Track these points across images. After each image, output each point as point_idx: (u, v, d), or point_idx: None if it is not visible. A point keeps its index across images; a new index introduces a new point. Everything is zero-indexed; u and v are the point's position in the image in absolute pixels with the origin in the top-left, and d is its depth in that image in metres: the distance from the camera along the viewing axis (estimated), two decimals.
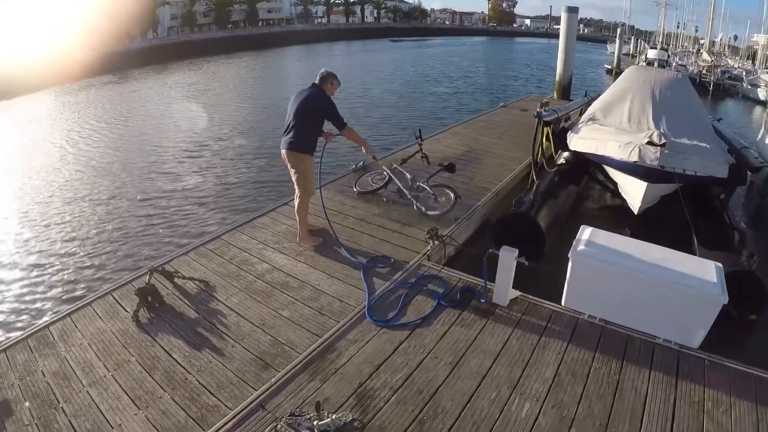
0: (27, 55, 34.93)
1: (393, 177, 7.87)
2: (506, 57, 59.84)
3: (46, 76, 31.32)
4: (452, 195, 7.37)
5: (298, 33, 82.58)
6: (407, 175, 7.83)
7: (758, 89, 30.99)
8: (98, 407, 3.82)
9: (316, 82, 6.13)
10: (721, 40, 57.82)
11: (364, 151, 6.87)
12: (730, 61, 47.45)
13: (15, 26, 42.84)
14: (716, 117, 12.54)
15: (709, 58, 40.51)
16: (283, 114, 6.22)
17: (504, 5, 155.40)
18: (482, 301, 5.07)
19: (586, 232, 4.96)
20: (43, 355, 4.47)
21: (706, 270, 4.43)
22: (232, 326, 4.78)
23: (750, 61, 47.58)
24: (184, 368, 4.23)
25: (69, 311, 5.13)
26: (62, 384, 4.09)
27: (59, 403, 3.88)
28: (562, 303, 4.96)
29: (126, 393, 3.96)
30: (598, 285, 4.67)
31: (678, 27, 57.92)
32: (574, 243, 4.83)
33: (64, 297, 7.24)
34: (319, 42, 77.22)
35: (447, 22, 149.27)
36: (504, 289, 4.95)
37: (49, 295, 7.39)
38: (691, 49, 50.51)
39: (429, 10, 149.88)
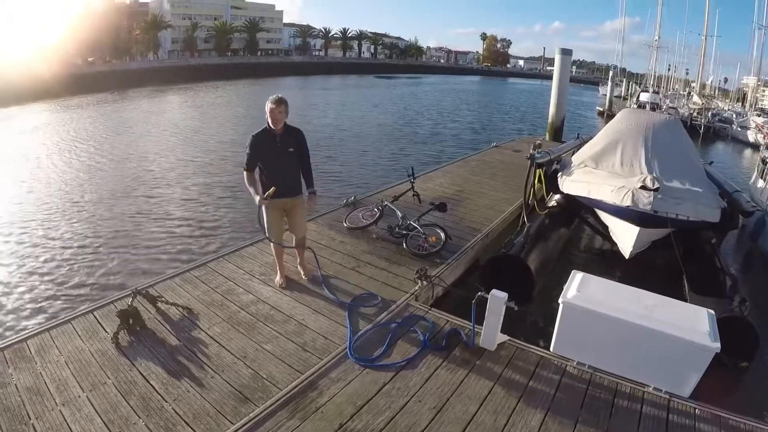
0: (28, 69, 35.35)
1: (391, 209, 7.78)
2: (499, 97, 60.50)
3: (45, 90, 31.69)
4: (442, 235, 7.33)
5: (295, 64, 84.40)
6: (398, 212, 7.79)
7: (748, 131, 31.77)
8: (70, 427, 3.70)
9: None
10: (711, 82, 59.01)
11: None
12: (720, 104, 48.37)
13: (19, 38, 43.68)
14: (708, 160, 12.64)
15: (699, 101, 41.29)
16: None
17: (498, 46, 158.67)
18: (469, 345, 4.97)
19: (576, 278, 4.91)
20: (19, 368, 4.36)
21: (698, 317, 4.39)
22: (213, 356, 4.67)
23: (740, 104, 48.53)
24: (160, 396, 4.11)
25: (48, 326, 5.02)
26: (35, 400, 3.98)
27: (30, 419, 3.77)
28: (551, 349, 4.88)
29: (99, 416, 3.84)
30: (588, 332, 4.60)
31: (669, 69, 58.85)
32: (564, 288, 4.78)
33: (44, 312, 7.10)
34: (315, 74, 78.47)
35: (442, 60, 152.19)
36: (492, 333, 4.86)
37: (29, 308, 7.24)
38: (681, 92, 51.33)
39: (425, 47, 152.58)
